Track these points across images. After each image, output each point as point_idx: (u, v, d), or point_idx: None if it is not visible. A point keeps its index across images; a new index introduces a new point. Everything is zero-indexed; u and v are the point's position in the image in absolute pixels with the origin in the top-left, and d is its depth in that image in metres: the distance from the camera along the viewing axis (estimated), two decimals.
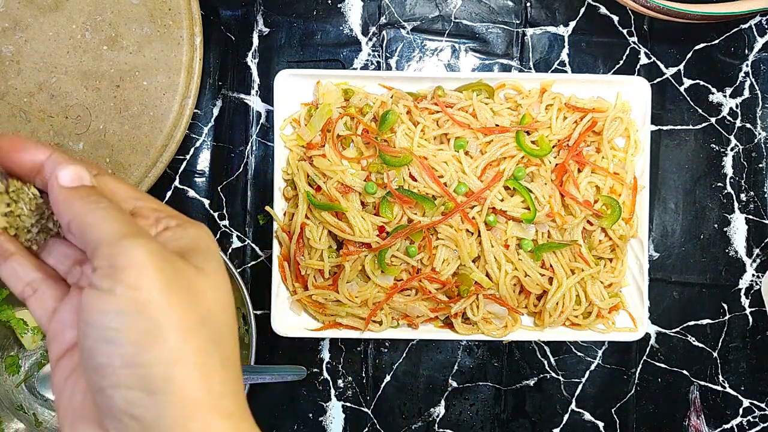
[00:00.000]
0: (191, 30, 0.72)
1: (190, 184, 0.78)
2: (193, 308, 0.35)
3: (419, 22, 0.78)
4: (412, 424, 0.77)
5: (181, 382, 0.33)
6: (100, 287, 0.34)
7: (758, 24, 0.79)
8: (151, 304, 0.33)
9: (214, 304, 0.37)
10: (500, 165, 0.71)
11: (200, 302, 0.36)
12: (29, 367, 0.73)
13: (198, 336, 0.35)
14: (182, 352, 0.34)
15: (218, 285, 0.37)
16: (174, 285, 0.34)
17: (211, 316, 0.36)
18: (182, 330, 0.34)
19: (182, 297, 0.35)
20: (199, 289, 0.36)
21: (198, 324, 0.35)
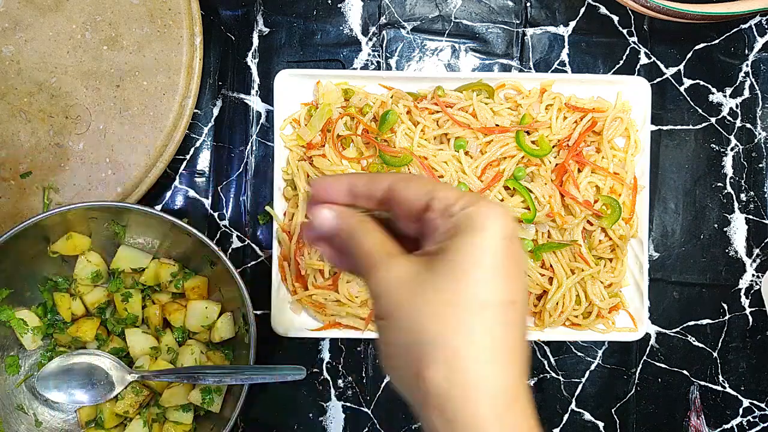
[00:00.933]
0: (191, 30, 0.72)
1: (190, 184, 0.78)
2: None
3: (419, 22, 0.78)
4: (412, 424, 0.77)
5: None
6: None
7: (758, 24, 0.79)
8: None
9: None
10: (500, 165, 0.71)
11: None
12: (29, 367, 0.73)
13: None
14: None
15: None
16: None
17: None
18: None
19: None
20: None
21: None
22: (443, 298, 0.35)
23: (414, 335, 0.35)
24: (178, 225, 0.66)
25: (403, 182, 0.38)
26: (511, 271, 0.35)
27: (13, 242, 0.65)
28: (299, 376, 0.65)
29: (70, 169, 0.71)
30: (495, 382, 0.34)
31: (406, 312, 0.35)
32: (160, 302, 0.73)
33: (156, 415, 0.71)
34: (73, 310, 0.72)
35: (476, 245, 0.35)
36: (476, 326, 0.34)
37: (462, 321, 0.34)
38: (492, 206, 0.36)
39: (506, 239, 0.35)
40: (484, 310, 0.34)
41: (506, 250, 0.35)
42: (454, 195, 0.36)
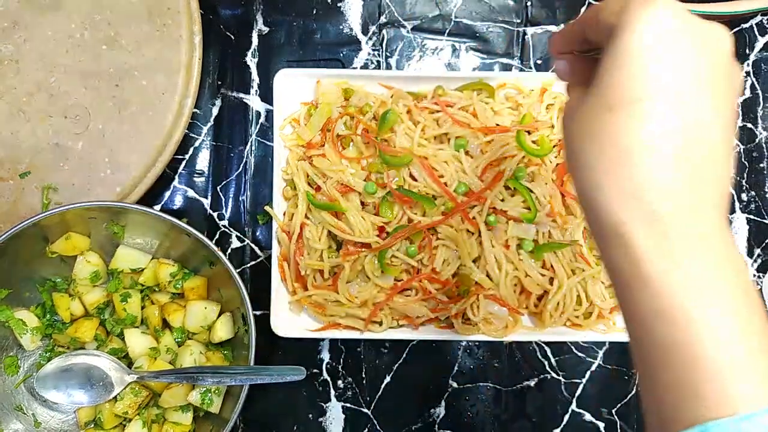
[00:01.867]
0: (190, 29, 0.72)
1: (189, 183, 0.78)
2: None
3: (419, 21, 0.78)
4: (412, 425, 0.77)
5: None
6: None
7: (759, 23, 0.79)
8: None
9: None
10: (501, 165, 0.71)
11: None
12: (28, 367, 0.73)
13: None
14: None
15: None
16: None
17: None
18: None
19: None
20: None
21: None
22: (585, 110, 0.36)
23: (567, 152, 0.37)
24: (177, 225, 0.66)
25: (584, 17, 0.39)
26: (650, 66, 0.33)
27: (12, 242, 0.64)
28: (299, 377, 0.64)
29: (69, 169, 0.71)
30: (615, 178, 0.33)
31: (566, 132, 0.38)
32: (159, 302, 0.73)
33: (155, 415, 0.71)
34: (72, 311, 0.71)
35: (612, 49, 0.34)
36: (601, 129, 0.34)
37: (589, 126, 0.35)
38: (639, 4, 0.34)
39: (648, 35, 0.33)
40: (609, 112, 0.34)
41: (645, 44, 0.33)
42: (615, 4, 0.35)
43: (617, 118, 0.34)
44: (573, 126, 0.37)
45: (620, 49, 0.34)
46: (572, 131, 0.37)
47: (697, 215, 0.33)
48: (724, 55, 0.35)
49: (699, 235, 0.33)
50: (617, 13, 0.35)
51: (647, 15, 0.33)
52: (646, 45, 0.33)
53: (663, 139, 0.33)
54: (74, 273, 0.72)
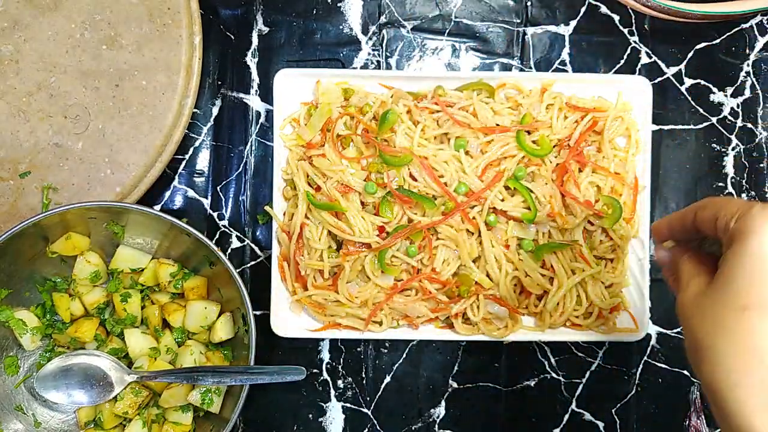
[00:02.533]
0: (190, 29, 0.72)
1: (189, 183, 0.78)
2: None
3: (419, 21, 0.78)
4: (412, 425, 0.77)
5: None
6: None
7: (759, 23, 0.79)
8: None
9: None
10: (501, 165, 0.71)
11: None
12: (28, 367, 0.73)
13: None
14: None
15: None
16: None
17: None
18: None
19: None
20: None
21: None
22: (712, 306, 0.39)
23: (691, 341, 0.40)
24: (177, 225, 0.66)
25: (700, 209, 0.43)
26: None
27: (12, 242, 0.64)
28: (299, 377, 0.64)
29: (69, 169, 0.71)
30: (749, 380, 0.36)
31: (688, 323, 0.41)
32: (159, 302, 0.73)
33: (155, 415, 0.71)
34: (72, 311, 0.71)
35: (738, 251, 0.38)
36: (734, 328, 0.37)
37: (722, 324, 0.38)
38: (762, 212, 0.38)
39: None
40: (742, 313, 0.37)
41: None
42: (734, 207, 0.40)
43: (752, 319, 0.37)
44: (698, 321, 0.40)
45: (749, 253, 0.38)
46: (698, 326, 0.40)
47: None
48: None
49: None
50: (738, 217, 0.39)
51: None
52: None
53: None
54: (74, 273, 0.72)
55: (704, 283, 0.42)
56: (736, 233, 0.39)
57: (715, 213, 0.41)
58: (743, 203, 0.40)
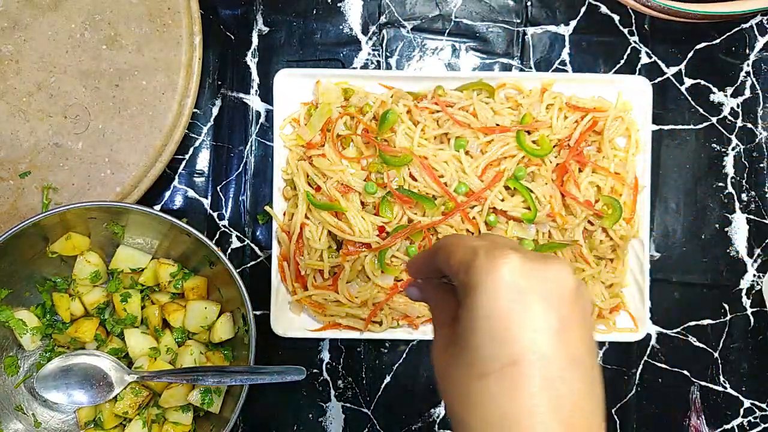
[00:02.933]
0: (190, 29, 0.72)
1: (189, 183, 0.78)
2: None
3: (419, 21, 0.78)
4: (412, 425, 0.77)
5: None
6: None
7: (759, 23, 0.79)
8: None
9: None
10: (501, 165, 0.71)
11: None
12: (28, 367, 0.73)
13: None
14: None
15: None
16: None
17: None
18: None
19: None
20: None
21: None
22: (456, 372, 0.35)
23: (449, 411, 0.36)
24: (177, 225, 0.66)
25: (438, 251, 0.39)
26: (511, 329, 0.33)
27: (12, 242, 0.64)
28: (299, 377, 0.64)
29: (69, 169, 0.71)
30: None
31: (441, 387, 0.37)
32: (160, 302, 0.73)
33: (155, 415, 0.71)
34: (72, 311, 0.71)
35: (468, 310, 0.34)
36: (479, 400, 0.34)
37: (467, 397, 0.34)
38: (486, 266, 0.34)
39: (499, 294, 0.33)
40: (480, 381, 0.34)
41: (499, 308, 0.33)
42: (461, 256, 0.36)
43: (492, 384, 0.33)
44: (450, 389, 0.36)
45: (477, 312, 0.34)
46: (448, 394, 0.36)
47: None
48: (570, 292, 0.35)
49: None
50: (466, 269, 0.35)
51: (494, 277, 0.33)
52: (501, 308, 0.33)
53: (541, 403, 0.33)
54: (74, 273, 0.72)
55: (447, 337, 0.38)
56: (464, 288, 0.35)
57: (447, 260, 0.37)
58: (469, 250, 0.36)
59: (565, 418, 0.33)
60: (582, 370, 0.35)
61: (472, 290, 0.34)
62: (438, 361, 0.38)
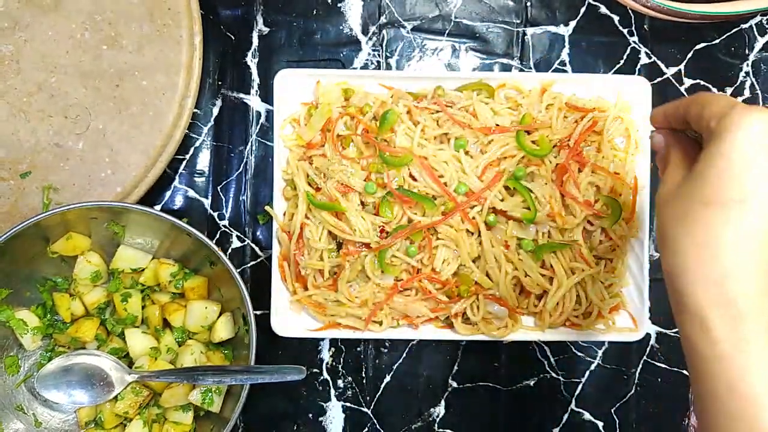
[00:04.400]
0: (191, 29, 0.72)
1: (189, 183, 0.78)
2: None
3: (419, 21, 0.78)
4: (412, 424, 0.77)
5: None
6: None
7: (759, 24, 0.79)
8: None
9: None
10: (500, 165, 0.71)
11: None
12: (29, 367, 0.73)
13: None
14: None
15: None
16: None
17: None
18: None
19: None
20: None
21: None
22: (681, 200, 0.42)
23: (659, 229, 0.44)
24: (177, 225, 0.66)
25: (691, 104, 0.44)
26: (745, 172, 0.39)
27: (13, 242, 0.64)
28: (299, 376, 0.65)
29: (70, 169, 0.71)
30: (700, 270, 0.39)
31: (660, 212, 0.44)
32: (160, 302, 0.73)
33: (156, 415, 0.71)
34: (72, 311, 0.72)
35: (713, 150, 0.40)
36: (696, 221, 0.40)
37: (685, 216, 0.41)
38: (739, 115, 0.39)
39: (745, 145, 0.39)
40: (705, 207, 0.40)
41: (743, 152, 0.39)
42: (718, 107, 0.41)
43: (712, 213, 0.40)
44: (668, 211, 0.43)
45: (720, 152, 0.39)
46: (667, 216, 0.43)
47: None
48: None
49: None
50: (719, 117, 0.40)
51: (747, 126, 0.39)
52: (744, 154, 0.39)
53: (748, 239, 0.39)
54: (75, 273, 0.72)
55: (681, 177, 0.44)
56: (714, 133, 0.40)
57: (701, 110, 0.42)
58: (727, 103, 0.41)
59: (761, 261, 0.39)
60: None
61: (722, 134, 0.39)
62: (665, 193, 0.44)
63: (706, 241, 0.39)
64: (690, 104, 0.44)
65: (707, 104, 0.42)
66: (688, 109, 0.44)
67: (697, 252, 0.40)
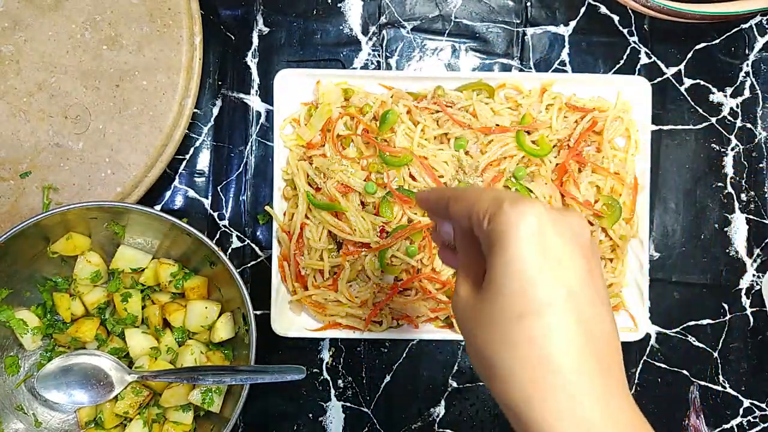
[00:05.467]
0: (191, 29, 0.72)
1: (189, 183, 0.78)
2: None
3: (419, 21, 0.78)
4: (412, 424, 0.77)
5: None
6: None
7: (758, 24, 0.79)
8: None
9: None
10: (500, 165, 0.71)
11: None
12: (29, 367, 0.73)
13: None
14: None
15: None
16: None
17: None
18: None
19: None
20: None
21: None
22: (490, 317, 0.36)
23: (476, 355, 0.38)
24: (177, 225, 0.66)
25: (452, 200, 0.41)
26: (543, 272, 0.35)
27: (13, 242, 0.64)
28: (299, 376, 0.65)
29: (70, 169, 0.71)
30: (543, 390, 0.34)
31: (468, 333, 0.39)
32: (160, 302, 0.73)
33: (156, 415, 0.71)
34: (72, 311, 0.72)
35: (500, 257, 0.36)
36: (516, 339, 0.35)
37: (502, 337, 0.36)
38: (512, 214, 0.36)
39: (529, 245, 0.35)
40: (519, 322, 0.35)
41: (530, 253, 0.35)
42: (485, 205, 0.37)
43: (531, 324, 0.35)
44: (478, 330, 0.37)
45: (510, 258, 0.35)
46: (482, 339, 0.37)
47: (623, 415, 0.35)
48: (589, 240, 0.38)
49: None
50: (492, 218, 0.37)
51: (524, 224, 0.35)
52: (533, 254, 0.35)
53: (576, 336, 0.35)
54: (75, 273, 0.72)
55: (474, 285, 0.40)
56: (492, 236, 0.37)
57: (468, 209, 0.39)
58: (493, 199, 0.37)
59: (599, 356, 0.35)
60: (608, 310, 0.37)
61: (501, 238, 0.36)
62: (464, 309, 0.39)
63: (537, 356, 0.35)
64: (450, 200, 0.41)
65: (474, 202, 0.38)
66: (452, 207, 0.41)
67: (532, 373, 0.35)
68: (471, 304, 0.39)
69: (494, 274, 0.36)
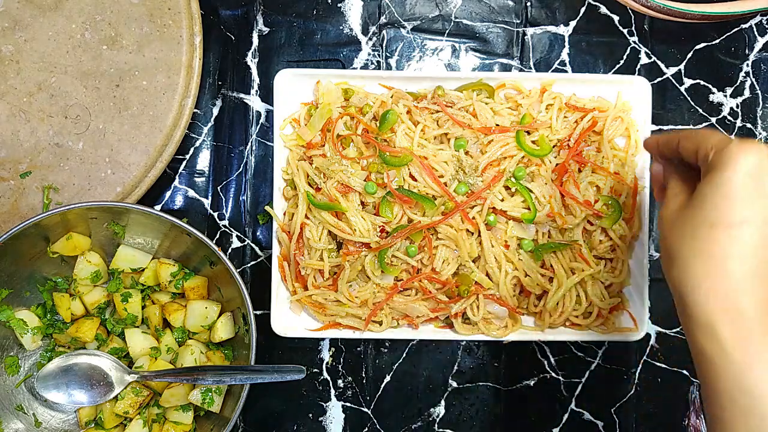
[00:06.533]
0: (191, 29, 0.72)
1: (189, 183, 0.78)
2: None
3: (419, 21, 0.78)
4: (412, 424, 0.77)
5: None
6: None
7: (758, 24, 0.79)
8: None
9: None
10: (500, 165, 0.71)
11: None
12: (29, 367, 0.73)
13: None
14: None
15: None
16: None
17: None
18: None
19: None
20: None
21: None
22: (687, 222, 0.46)
23: (665, 250, 0.48)
24: (177, 225, 0.66)
25: (683, 139, 0.50)
26: (746, 197, 0.44)
27: (13, 242, 0.65)
28: (299, 376, 0.65)
29: (70, 169, 0.71)
30: (710, 283, 0.44)
31: (665, 234, 0.49)
32: (160, 302, 0.73)
33: (156, 415, 0.71)
34: (72, 311, 0.72)
35: (713, 180, 0.45)
36: (703, 240, 0.45)
37: (692, 236, 0.45)
38: (737, 148, 0.44)
39: (745, 174, 0.44)
40: (711, 228, 0.44)
41: (743, 180, 0.44)
42: (714, 141, 0.46)
43: (718, 233, 0.44)
44: (675, 232, 0.47)
45: (722, 180, 0.44)
46: (674, 236, 0.47)
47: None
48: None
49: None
50: (717, 150, 0.46)
51: (744, 157, 0.44)
52: (744, 181, 0.44)
53: (751, 255, 0.44)
54: (75, 273, 0.72)
55: (683, 201, 0.49)
56: (712, 165, 0.45)
57: (696, 145, 0.48)
58: (722, 138, 0.46)
59: (765, 274, 0.44)
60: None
61: (721, 165, 0.45)
62: (669, 216, 0.49)
63: (715, 258, 0.44)
64: (681, 139, 0.50)
65: (703, 140, 0.47)
66: (681, 144, 0.50)
67: (706, 268, 0.45)
68: (676, 212, 0.48)
69: (703, 191, 0.45)
